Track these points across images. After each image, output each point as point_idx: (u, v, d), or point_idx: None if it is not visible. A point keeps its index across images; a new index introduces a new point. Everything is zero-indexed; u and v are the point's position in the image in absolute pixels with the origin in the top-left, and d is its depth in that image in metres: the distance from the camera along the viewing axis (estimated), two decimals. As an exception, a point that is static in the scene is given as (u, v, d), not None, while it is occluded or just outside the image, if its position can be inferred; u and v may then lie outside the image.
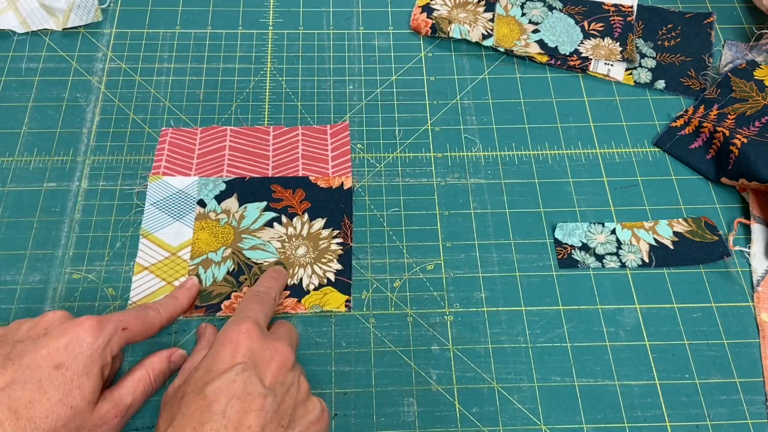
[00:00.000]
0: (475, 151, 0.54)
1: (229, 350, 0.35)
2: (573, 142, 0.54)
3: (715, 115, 0.54)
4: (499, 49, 0.59)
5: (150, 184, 0.50)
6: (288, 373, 0.35)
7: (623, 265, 0.48)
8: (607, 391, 0.44)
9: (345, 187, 0.51)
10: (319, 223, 0.49)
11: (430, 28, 0.59)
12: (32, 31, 0.58)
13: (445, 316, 0.46)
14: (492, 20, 0.60)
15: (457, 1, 0.62)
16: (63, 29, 0.58)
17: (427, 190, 0.52)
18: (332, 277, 0.47)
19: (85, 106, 0.55)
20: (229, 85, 0.57)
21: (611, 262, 0.48)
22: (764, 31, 0.59)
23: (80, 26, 0.59)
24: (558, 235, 0.49)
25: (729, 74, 0.56)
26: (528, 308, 0.47)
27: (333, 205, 0.50)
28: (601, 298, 0.47)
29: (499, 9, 0.61)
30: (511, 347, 0.45)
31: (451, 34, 0.58)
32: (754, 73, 0.56)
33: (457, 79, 0.58)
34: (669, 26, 0.61)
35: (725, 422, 0.43)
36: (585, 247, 0.49)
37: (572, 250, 0.49)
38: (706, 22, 0.61)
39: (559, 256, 0.48)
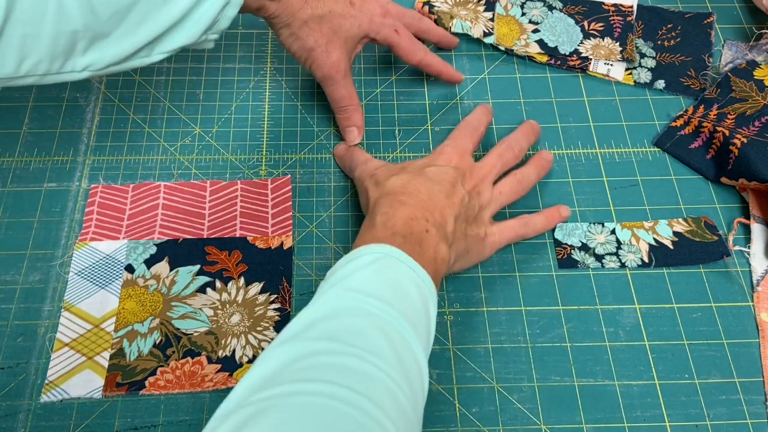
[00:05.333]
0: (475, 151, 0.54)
1: (445, 157, 0.46)
2: (573, 142, 0.54)
3: (714, 114, 0.54)
4: (499, 48, 0.59)
5: (76, 252, 0.47)
6: (478, 191, 0.46)
7: (623, 265, 0.48)
8: (606, 391, 0.44)
9: (285, 247, 0.48)
10: (256, 287, 0.46)
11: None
12: None
13: (445, 316, 0.46)
14: (492, 20, 0.60)
15: (458, 0, 0.62)
16: None
17: (427, 190, 0.52)
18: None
19: (85, 106, 0.55)
20: (229, 85, 0.57)
21: (611, 262, 0.48)
22: (764, 31, 0.59)
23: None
24: (558, 235, 0.49)
25: (729, 74, 0.56)
26: (528, 308, 0.47)
27: (271, 268, 0.47)
28: (600, 298, 0.47)
29: (499, 9, 0.61)
30: (511, 347, 0.45)
31: (452, 30, 0.58)
32: (754, 73, 0.56)
33: (457, 79, 0.58)
34: (669, 26, 0.61)
35: (725, 422, 0.43)
36: (584, 248, 0.49)
37: (572, 251, 0.49)
38: (706, 22, 0.61)
39: (559, 257, 0.48)
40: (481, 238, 0.45)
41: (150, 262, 0.47)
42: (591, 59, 0.58)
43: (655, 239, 0.49)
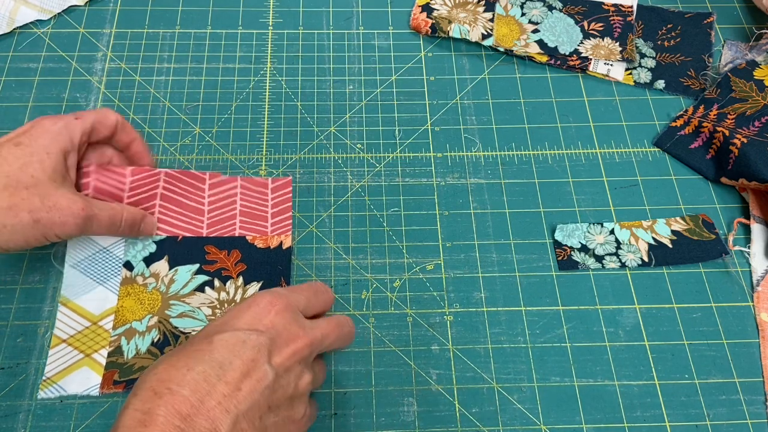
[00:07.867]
0: (475, 151, 0.54)
1: (252, 314, 0.34)
2: (573, 142, 0.54)
3: (714, 115, 0.54)
4: (498, 49, 0.59)
5: (70, 241, 0.46)
6: (297, 363, 0.34)
7: (623, 265, 0.48)
8: (606, 391, 0.44)
9: (284, 247, 0.48)
10: (254, 287, 0.46)
11: (429, 27, 0.59)
12: (57, 15, 0.59)
13: (445, 316, 0.46)
14: (492, 20, 0.60)
15: (457, 1, 0.62)
16: (86, 3, 0.60)
17: (427, 190, 0.52)
18: None
19: (85, 106, 0.55)
20: (229, 85, 0.57)
21: (611, 263, 0.48)
22: (764, 31, 0.59)
23: (81, 26, 0.59)
24: (558, 236, 0.49)
25: (729, 74, 0.56)
26: (528, 308, 0.47)
27: (270, 268, 0.47)
28: (600, 299, 0.47)
29: (498, 9, 0.61)
30: (511, 347, 0.45)
31: (451, 34, 0.58)
32: (754, 73, 0.56)
33: (457, 79, 0.58)
34: (669, 26, 0.61)
35: (725, 422, 0.43)
36: (584, 249, 0.49)
37: (572, 252, 0.49)
38: (706, 22, 0.61)
39: (559, 258, 0.48)
40: (296, 419, 0.35)
41: (149, 260, 0.47)
42: (591, 59, 0.58)
43: (654, 238, 0.49)
